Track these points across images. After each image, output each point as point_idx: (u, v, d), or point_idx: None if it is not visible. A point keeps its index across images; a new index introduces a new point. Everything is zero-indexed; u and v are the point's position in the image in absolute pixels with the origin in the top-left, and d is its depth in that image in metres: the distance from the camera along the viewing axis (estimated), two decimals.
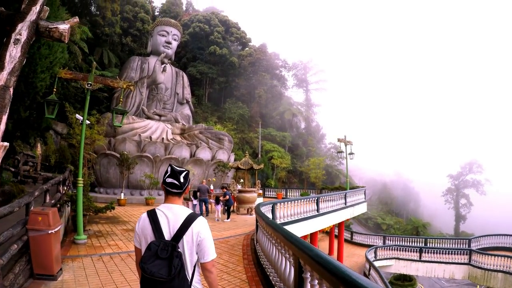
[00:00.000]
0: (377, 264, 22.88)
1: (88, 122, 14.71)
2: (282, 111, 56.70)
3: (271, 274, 5.58)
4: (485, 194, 76.04)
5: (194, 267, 2.31)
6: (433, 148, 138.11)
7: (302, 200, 13.46)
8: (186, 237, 2.22)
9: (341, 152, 25.51)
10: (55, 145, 20.74)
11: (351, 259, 25.57)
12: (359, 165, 69.31)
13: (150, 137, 25.02)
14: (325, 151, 62.60)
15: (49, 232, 6.03)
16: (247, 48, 58.49)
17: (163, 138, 25.94)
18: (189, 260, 2.26)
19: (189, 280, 2.24)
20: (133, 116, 26.72)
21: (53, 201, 8.67)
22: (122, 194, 19.97)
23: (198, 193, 16.61)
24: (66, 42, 5.34)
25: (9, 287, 5.42)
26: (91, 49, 32.05)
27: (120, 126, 10.32)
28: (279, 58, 65.08)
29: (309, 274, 3.16)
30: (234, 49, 57.90)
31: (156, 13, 56.30)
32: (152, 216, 2.27)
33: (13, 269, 5.69)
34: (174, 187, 2.30)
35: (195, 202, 16.57)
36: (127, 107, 28.52)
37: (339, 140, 25.20)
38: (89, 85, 9.65)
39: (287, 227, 11.30)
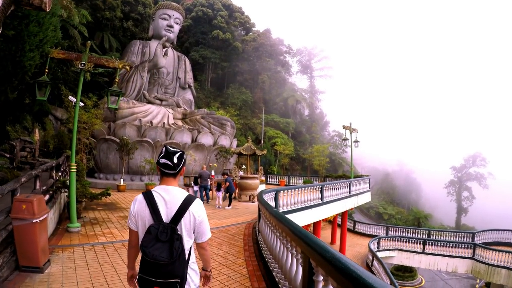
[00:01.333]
0: (379, 255, 22.52)
1: (82, 104, 14.18)
2: (285, 97, 55.94)
3: (274, 269, 5.10)
4: (487, 188, 75.67)
5: (190, 248, 2.35)
6: (437, 139, 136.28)
7: (306, 188, 12.95)
8: (184, 220, 2.24)
9: (346, 139, 24.81)
10: (55, 131, 20.27)
11: (354, 249, 25.23)
12: (362, 153, 68.64)
13: (151, 122, 24.50)
14: (329, 138, 61.94)
15: (34, 221, 5.57)
16: (250, 33, 57.37)
17: (164, 123, 25.40)
18: (187, 242, 2.27)
19: (187, 260, 2.27)
20: (134, 101, 26.07)
21: (44, 188, 8.21)
22: (122, 180, 19.54)
23: (199, 179, 16.14)
24: (48, 10, 4.76)
25: None
26: (91, 34, 31.27)
27: (116, 108, 9.84)
28: (283, 43, 63.89)
29: (321, 278, 2.67)
30: (238, 34, 56.83)
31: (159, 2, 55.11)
32: (149, 198, 2.26)
33: None
34: (168, 168, 2.30)
35: (195, 188, 16.12)
36: (128, 91, 27.91)
37: (344, 127, 24.48)
38: (82, 64, 9.09)
39: (290, 216, 10.85)
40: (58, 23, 9.65)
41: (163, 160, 2.29)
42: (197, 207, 2.32)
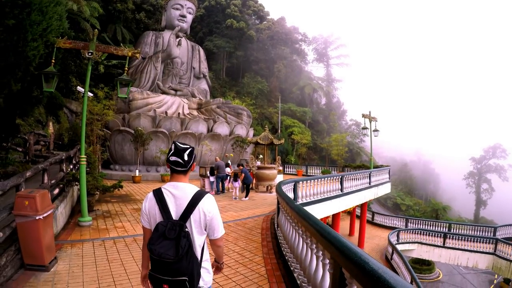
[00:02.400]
0: (399, 247, 21.72)
1: (91, 94, 13.89)
2: (302, 86, 54.95)
3: (295, 270, 4.60)
4: (507, 181, 73.38)
5: (203, 245, 2.29)
6: (456, 129, 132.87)
7: (326, 179, 12.35)
8: (194, 216, 2.18)
9: (366, 128, 23.82)
10: (69, 124, 20.19)
11: (372, 241, 24.51)
12: (380, 143, 67.38)
13: (166, 112, 24.20)
14: (346, 128, 60.63)
15: (37, 218, 5.23)
16: (265, 22, 56.49)
17: (179, 113, 25.07)
18: (198, 239, 2.22)
19: (199, 258, 2.21)
20: (148, 91, 25.79)
21: (53, 181, 7.92)
22: (137, 171, 19.37)
23: (215, 170, 15.72)
24: None
25: None
26: (104, 26, 31.12)
27: (125, 97, 9.42)
28: (298, 31, 62.67)
29: None
30: (252, 23, 56.02)
31: None
32: (159, 196, 2.23)
33: None
34: (178, 165, 2.25)
35: (212, 179, 15.71)
36: (142, 82, 27.68)
37: (363, 115, 23.53)
38: (89, 53, 8.77)
39: (309, 207, 10.34)
40: (64, 12, 9.25)
41: (173, 158, 2.24)
42: (207, 203, 2.24)
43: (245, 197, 14.19)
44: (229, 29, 49.26)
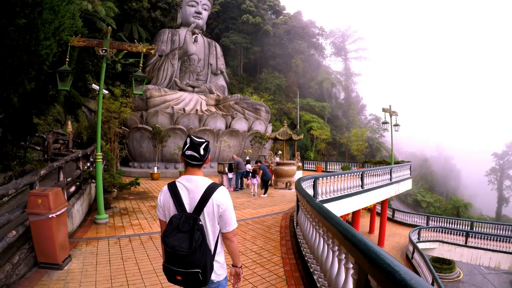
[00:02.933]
0: (420, 246, 21.05)
1: (106, 92, 13.90)
2: (320, 81, 54.17)
3: (315, 272, 4.31)
4: None
5: (217, 238, 2.29)
6: (478, 123, 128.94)
7: (346, 175, 11.97)
8: (207, 209, 2.20)
9: (386, 123, 23.05)
10: (88, 122, 20.42)
11: (393, 239, 23.86)
12: (400, 138, 65.86)
13: (184, 109, 24.19)
14: (365, 123, 59.45)
15: (50, 216, 5.15)
16: (281, 16, 55.80)
17: (197, 110, 25.04)
18: (211, 231, 2.24)
19: (212, 251, 2.22)
20: (165, 89, 25.86)
21: (69, 179, 7.88)
22: (156, 168, 19.42)
23: (234, 167, 15.54)
24: None
25: (5, 279, 4.64)
26: (120, 26, 31.37)
27: (141, 94, 9.31)
28: (315, 25, 61.67)
29: None
30: (268, 18, 55.51)
31: None
32: (173, 189, 2.25)
33: (11, 259, 4.90)
34: (194, 159, 2.27)
35: (230, 175, 15.54)
36: (159, 80, 27.80)
37: (383, 110, 22.77)
38: (103, 51, 8.73)
39: (329, 205, 10.02)
40: (76, 11, 9.20)
41: (189, 152, 2.25)
42: (221, 195, 2.25)
43: (264, 193, 13.92)
44: (245, 24, 48.96)
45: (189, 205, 2.21)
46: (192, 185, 2.25)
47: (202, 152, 2.26)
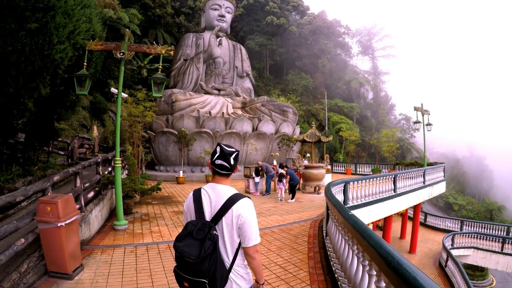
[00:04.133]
0: (453, 253, 19.72)
1: (125, 95, 13.84)
2: (348, 80, 52.98)
3: None
4: None
5: (237, 250, 2.19)
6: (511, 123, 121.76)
7: (378, 179, 11.25)
8: (226, 219, 2.13)
9: (418, 122, 21.77)
10: (114, 127, 20.67)
11: (425, 245, 22.52)
12: (430, 138, 63.40)
13: (210, 112, 24.03)
14: (395, 123, 57.53)
15: (58, 225, 4.88)
16: (305, 17, 55.06)
17: (223, 113, 24.83)
18: (229, 243, 2.15)
19: (229, 263, 2.15)
20: (191, 92, 25.85)
21: (86, 184, 7.71)
22: (181, 172, 19.29)
23: (261, 171, 15.09)
24: None
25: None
26: (145, 32, 31.86)
27: (160, 97, 9.10)
28: (340, 24, 60.38)
29: None
30: (292, 19, 54.92)
31: None
32: (196, 196, 2.25)
33: (19, 267, 4.69)
34: (223, 169, 2.22)
35: (257, 179, 15.09)
36: (185, 84, 27.86)
37: (415, 108, 21.54)
38: (121, 53, 8.56)
39: (360, 210, 9.36)
40: (94, 15, 9.10)
41: (219, 161, 2.21)
42: (242, 206, 2.15)
43: (291, 199, 13.32)
44: (269, 26, 48.58)
45: (210, 213, 2.17)
46: (215, 193, 2.21)
47: (232, 162, 2.22)
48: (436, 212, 43.33)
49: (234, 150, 2.27)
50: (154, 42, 9.20)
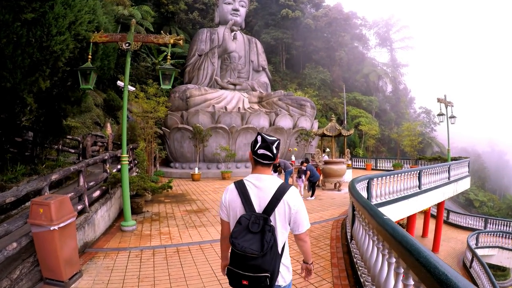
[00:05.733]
0: (478, 252, 18.81)
1: (133, 88, 13.44)
2: (366, 73, 51.57)
3: None
4: None
5: (285, 241, 2.21)
6: None
7: (403, 174, 10.50)
8: (278, 210, 2.11)
9: (442, 114, 20.57)
10: (128, 124, 20.48)
11: (448, 244, 21.49)
12: (450, 133, 61.38)
13: (225, 108, 23.51)
14: (415, 116, 55.71)
15: (51, 228, 4.44)
16: (321, 9, 53.82)
17: (239, 108, 24.26)
18: (281, 234, 2.14)
19: (280, 254, 2.13)
20: (206, 87, 25.39)
21: (91, 183, 7.30)
22: (196, 169, 18.88)
23: (278, 168, 14.48)
24: None
25: None
26: (159, 29, 31.62)
27: (170, 88, 8.58)
28: (357, 16, 58.84)
29: None
30: (308, 12, 53.82)
31: None
32: (241, 188, 2.18)
33: (11, 274, 4.27)
34: (266, 159, 2.19)
35: (275, 175, 14.42)
36: (200, 79, 27.42)
37: (439, 100, 20.28)
38: (127, 44, 8.10)
39: (384, 209, 8.60)
40: (98, 6, 8.74)
41: (261, 151, 2.17)
42: (293, 196, 2.16)
43: (311, 196, 12.62)
44: (284, 19, 47.65)
45: (258, 205, 2.12)
46: (262, 185, 2.16)
47: (274, 150, 2.19)
48: (456, 209, 41.92)
49: (275, 138, 2.21)
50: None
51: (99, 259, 5.68)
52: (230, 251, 2.08)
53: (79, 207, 6.42)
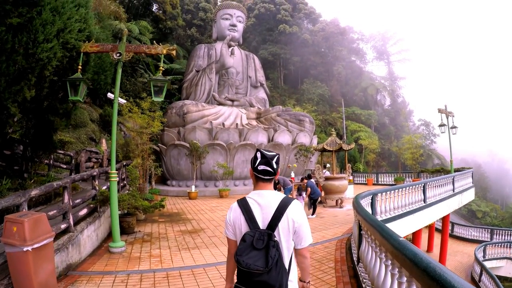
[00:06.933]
0: (486, 265, 18.27)
1: (123, 101, 13.10)
2: (364, 87, 51.59)
3: None
4: None
5: (291, 255, 2.17)
6: None
7: (407, 188, 10.04)
8: (282, 224, 2.08)
9: (444, 125, 20.22)
10: (124, 141, 20.11)
11: (454, 258, 20.84)
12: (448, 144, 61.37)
13: (223, 124, 23.16)
14: (414, 129, 55.51)
15: (24, 249, 3.98)
16: (318, 24, 54.29)
17: (237, 124, 23.92)
18: (286, 248, 2.11)
19: (287, 269, 2.09)
20: (203, 103, 25.10)
21: (78, 200, 6.85)
22: (193, 187, 18.38)
23: (278, 185, 14.01)
24: None
25: None
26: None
27: (162, 100, 8.20)
28: (353, 31, 59.49)
29: None
30: (305, 27, 54.22)
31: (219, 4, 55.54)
32: (244, 206, 2.16)
33: None
34: (267, 174, 2.17)
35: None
36: (197, 95, 27.18)
37: (439, 110, 19.94)
38: (117, 54, 7.81)
39: (389, 225, 8.12)
40: (89, 16, 8.44)
41: (262, 167, 2.15)
42: (295, 209, 2.12)
43: (312, 214, 12.07)
44: (282, 35, 47.99)
45: (262, 221, 2.09)
46: (265, 201, 2.13)
47: (275, 166, 2.17)
48: (459, 221, 41.46)
49: (274, 153, 2.21)
50: (166, 55, 8.42)
51: (82, 283, 5.17)
52: (237, 269, 2.03)
53: (63, 226, 5.96)
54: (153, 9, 37.25)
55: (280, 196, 2.17)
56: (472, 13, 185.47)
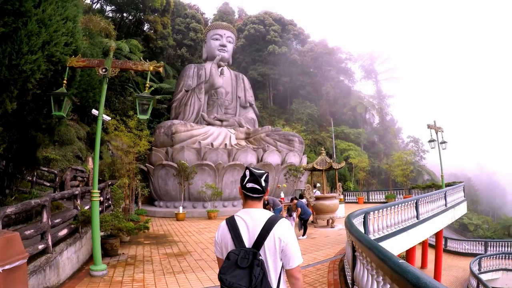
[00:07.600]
0: (482, 278, 18.15)
1: (108, 118, 12.85)
2: (353, 106, 52.34)
3: None
4: None
5: (280, 274, 2.09)
6: None
7: (400, 205, 9.92)
8: (268, 243, 2.02)
9: (433, 140, 20.39)
10: (112, 160, 19.73)
11: (449, 273, 20.64)
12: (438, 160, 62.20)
13: (212, 144, 22.95)
14: (403, 146, 56.20)
15: None
16: (306, 45, 55.37)
17: (226, 144, 23.74)
18: (273, 268, 2.04)
19: None
20: (192, 123, 24.92)
21: (57, 220, 6.52)
22: (181, 208, 17.97)
23: (267, 206, 13.78)
24: None
25: None
26: None
27: (147, 118, 8.02)
28: (341, 51, 60.86)
29: None
30: (294, 48, 55.20)
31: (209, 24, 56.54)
32: (231, 224, 2.13)
33: None
34: (255, 192, 2.14)
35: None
36: (186, 115, 26.99)
37: (429, 126, 20.09)
38: (104, 70, 7.65)
39: (383, 244, 7.92)
40: (78, 30, 8.28)
41: (250, 185, 2.12)
42: (282, 228, 2.05)
43: (303, 235, 11.87)
44: (271, 55, 48.71)
45: (248, 240, 2.02)
46: (252, 219, 2.08)
47: (263, 183, 2.12)
48: (452, 235, 41.79)
49: (263, 171, 2.18)
50: (156, 73, 8.34)
51: None
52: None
53: (40, 246, 5.62)
54: (144, 28, 37.57)
55: (267, 214, 2.12)
56: (459, 29, 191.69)
